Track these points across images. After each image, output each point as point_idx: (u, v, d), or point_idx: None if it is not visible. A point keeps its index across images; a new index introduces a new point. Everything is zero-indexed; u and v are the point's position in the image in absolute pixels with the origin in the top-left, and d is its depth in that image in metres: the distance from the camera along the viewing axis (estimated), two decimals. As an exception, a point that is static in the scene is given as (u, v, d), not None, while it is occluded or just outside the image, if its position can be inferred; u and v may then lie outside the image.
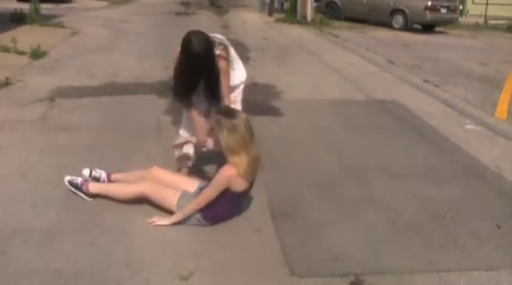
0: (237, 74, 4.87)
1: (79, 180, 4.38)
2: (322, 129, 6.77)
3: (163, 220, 4.01)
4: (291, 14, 20.72)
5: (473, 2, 24.33)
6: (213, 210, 3.99)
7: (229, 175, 3.91)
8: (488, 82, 10.38)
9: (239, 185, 3.98)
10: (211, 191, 3.96)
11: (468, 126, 7.27)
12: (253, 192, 4.68)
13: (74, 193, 4.33)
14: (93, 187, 4.34)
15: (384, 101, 8.37)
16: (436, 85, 9.68)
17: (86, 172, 4.58)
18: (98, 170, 4.60)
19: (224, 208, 4.03)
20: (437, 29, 20.61)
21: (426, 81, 10.05)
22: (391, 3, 19.92)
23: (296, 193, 4.79)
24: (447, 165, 5.75)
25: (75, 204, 4.25)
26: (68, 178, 4.41)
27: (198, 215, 4.01)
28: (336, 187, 4.97)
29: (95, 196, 4.32)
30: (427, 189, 5.01)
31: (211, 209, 3.98)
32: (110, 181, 4.54)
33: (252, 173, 4.02)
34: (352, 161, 5.66)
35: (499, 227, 4.31)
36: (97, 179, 4.54)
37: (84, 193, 4.31)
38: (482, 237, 4.13)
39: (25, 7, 14.53)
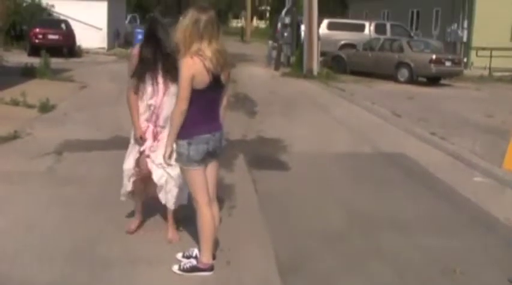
0: None
1: (194, 252, 4.23)
2: (329, 182, 6.76)
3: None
4: (297, 68, 20.95)
5: (477, 55, 24.55)
6: (185, 122, 3.82)
7: (186, 61, 3.77)
8: (494, 133, 10.36)
9: (201, 78, 3.79)
10: (181, 86, 3.78)
11: (476, 178, 7.23)
12: (260, 245, 4.66)
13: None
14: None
15: (391, 154, 8.37)
16: (443, 138, 9.68)
17: (179, 255, 4.32)
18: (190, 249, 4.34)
19: (193, 112, 3.81)
20: (442, 81, 20.78)
21: (433, 133, 10.05)
22: (396, 56, 20.16)
23: (304, 246, 4.74)
24: (456, 217, 5.70)
25: (82, 257, 4.22)
26: (179, 253, 4.29)
27: (177, 142, 3.87)
28: (344, 240, 4.92)
29: (211, 267, 4.05)
30: (436, 242, 4.95)
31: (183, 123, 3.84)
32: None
33: (215, 62, 3.82)
34: (360, 214, 5.62)
35: (510, 282, 4.23)
36: (189, 257, 4.24)
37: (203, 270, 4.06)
38: (494, 292, 4.06)
39: (36, 61, 14.83)
